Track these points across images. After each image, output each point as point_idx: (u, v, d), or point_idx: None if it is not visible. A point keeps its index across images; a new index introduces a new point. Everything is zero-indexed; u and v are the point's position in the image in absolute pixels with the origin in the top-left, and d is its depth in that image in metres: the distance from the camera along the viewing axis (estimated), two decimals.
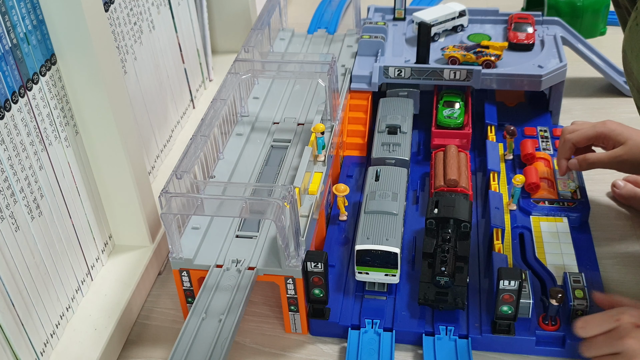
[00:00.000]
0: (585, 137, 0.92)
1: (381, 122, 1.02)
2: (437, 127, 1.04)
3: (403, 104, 1.07)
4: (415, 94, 1.10)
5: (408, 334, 0.80)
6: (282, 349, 0.82)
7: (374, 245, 0.79)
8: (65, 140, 0.80)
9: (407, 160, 0.96)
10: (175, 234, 0.76)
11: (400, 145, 0.97)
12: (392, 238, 0.80)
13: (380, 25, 1.18)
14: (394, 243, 0.80)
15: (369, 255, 0.80)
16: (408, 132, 1.01)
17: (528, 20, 1.16)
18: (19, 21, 0.70)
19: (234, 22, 1.36)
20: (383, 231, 0.81)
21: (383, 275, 0.81)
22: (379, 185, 0.90)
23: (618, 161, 0.89)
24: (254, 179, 0.90)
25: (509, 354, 0.78)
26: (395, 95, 1.10)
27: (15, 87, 0.71)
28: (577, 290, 0.79)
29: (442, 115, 1.03)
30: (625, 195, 0.99)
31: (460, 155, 0.98)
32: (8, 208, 0.69)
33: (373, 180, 0.91)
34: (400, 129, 1.00)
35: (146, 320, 0.87)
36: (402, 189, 0.89)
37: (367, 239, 0.80)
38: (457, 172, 0.93)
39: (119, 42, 0.93)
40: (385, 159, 0.96)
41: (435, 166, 0.97)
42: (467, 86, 1.08)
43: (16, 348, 0.71)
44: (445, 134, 1.03)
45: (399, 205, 0.85)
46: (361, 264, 0.81)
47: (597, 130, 0.91)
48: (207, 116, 0.88)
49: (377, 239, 0.80)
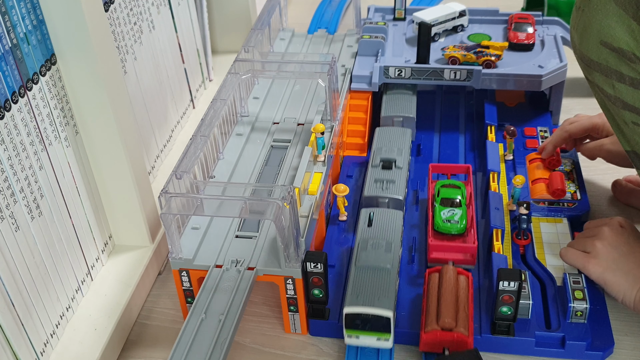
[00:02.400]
0: (582, 127, 0.97)
1: (375, 155, 0.95)
2: (435, 233, 0.87)
3: (399, 134, 1.00)
4: (411, 121, 1.05)
5: (408, 334, 0.80)
6: (281, 349, 0.82)
7: (364, 308, 0.73)
8: (65, 140, 0.80)
9: (402, 201, 0.89)
10: (175, 234, 0.76)
11: (394, 182, 0.90)
12: (384, 298, 0.74)
13: (380, 25, 1.18)
14: (387, 304, 0.73)
15: (359, 318, 0.74)
16: (404, 167, 0.94)
17: (528, 20, 1.16)
18: (19, 21, 0.70)
19: (234, 22, 1.36)
20: (375, 289, 0.75)
21: (375, 340, 0.75)
22: (371, 232, 0.83)
23: (604, 150, 0.95)
24: (253, 179, 0.90)
25: (509, 355, 0.78)
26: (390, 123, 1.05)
27: (15, 87, 0.71)
28: (577, 291, 0.79)
29: (440, 217, 0.87)
30: (625, 195, 0.99)
31: (460, 282, 0.79)
32: (8, 208, 0.69)
33: (365, 225, 0.84)
34: (395, 163, 0.93)
35: (146, 320, 0.87)
36: (396, 236, 0.83)
37: (357, 298, 0.74)
38: (453, 310, 0.75)
39: (119, 42, 0.93)
40: (378, 198, 0.89)
41: (428, 295, 0.79)
42: (467, 173, 0.96)
43: (16, 348, 0.71)
44: (446, 247, 0.85)
45: (393, 258, 0.79)
46: (350, 328, 0.75)
47: (593, 121, 0.97)
48: (207, 116, 0.88)
49: (369, 300, 0.74)
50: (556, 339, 0.77)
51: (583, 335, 0.77)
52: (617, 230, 0.81)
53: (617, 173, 1.02)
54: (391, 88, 1.10)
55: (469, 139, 1.11)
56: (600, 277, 0.79)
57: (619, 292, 0.77)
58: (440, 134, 1.12)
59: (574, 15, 0.71)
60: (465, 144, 1.10)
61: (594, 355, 0.77)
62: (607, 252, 0.79)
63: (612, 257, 0.79)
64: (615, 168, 0.99)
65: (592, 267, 0.79)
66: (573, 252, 0.82)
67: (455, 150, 1.08)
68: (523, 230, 0.85)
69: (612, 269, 0.78)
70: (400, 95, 1.09)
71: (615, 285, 0.78)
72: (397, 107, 1.07)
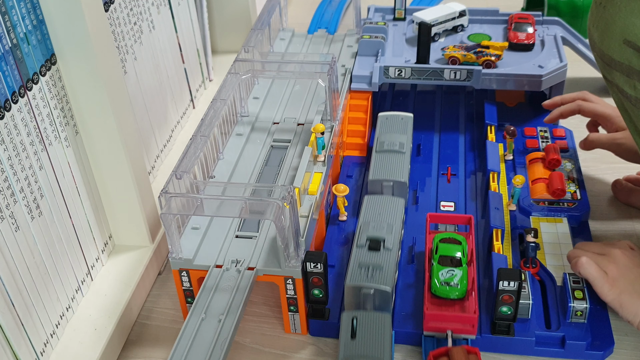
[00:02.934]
0: (594, 112, 0.98)
1: (362, 231, 0.82)
2: (432, 298, 0.79)
3: (390, 205, 0.86)
4: (403, 187, 0.91)
5: (408, 334, 0.80)
6: (281, 349, 0.82)
7: None
8: (65, 140, 0.80)
9: (389, 294, 0.75)
10: (175, 234, 0.76)
11: (382, 269, 0.77)
12: None
13: (380, 25, 1.18)
14: None
15: None
16: (394, 249, 0.80)
17: (528, 20, 1.16)
18: (19, 21, 0.70)
19: (234, 22, 1.36)
20: None
21: None
22: (355, 345, 0.71)
23: (616, 143, 0.94)
24: (253, 179, 0.90)
25: (509, 355, 0.78)
26: (378, 189, 0.91)
27: (15, 87, 0.71)
28: (577, 291, 0.79)
29: (438, 279, 0.79)
30: (625, 195, 0.99)
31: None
32: (8, 208, 0.69)
33: (348, 337, 0.72)
34: (384, 243, 0.80)
35: (146, 320, 0.87)
36: (385, 347, 0.71)
37: None
38: None
39: (119, 42, 0.93)
40: (362, 289, 0.75)
41: None
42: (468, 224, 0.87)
43: (16, 348, 0.71)
44: (443, 316, 0.77)
45: None
46: None
47: (607, 111, 0.96)
48: (207, 116, 0.88)
49: None
50: (556, 338, 0.77)
51: (583, 335, 0.77)
52: (629, 252, 0.80)
53: (617, 173, 1.02)
54: (380, 149, 0.96)
55: (469, 139, 1.11)
56: (616, 299, 0.76)
57: (636, 314, 0.75)
58: (440, 134, 1.12)
59: (593, 11, 0.69)
60: (465, 144, 1.10)
61: (594, 355, 0.77)
62: (622, 274, 0.77)
63: (628, 280, 0.77)
64: (616, 168, 0.99)
65: (609, 289, 0.77)
66: (593, 267, 0.78)
67: (455, 150, 1.08)
68: (531, 258, 0.82)
69: (629, 291, 0.76)
70: (390, 155, 0.94)
71: (632, 308, 0.76)
72: (387, 169, 0.92)
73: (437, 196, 0.99)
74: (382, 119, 1.02)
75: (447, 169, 1.03)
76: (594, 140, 0.97)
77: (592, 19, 0.69)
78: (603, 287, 0.77)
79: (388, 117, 1.02)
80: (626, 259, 0.79)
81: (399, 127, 1.00)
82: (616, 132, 0.95)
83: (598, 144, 0.97)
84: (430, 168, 1.04)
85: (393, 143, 0.96)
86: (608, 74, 0.69)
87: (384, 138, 0.97)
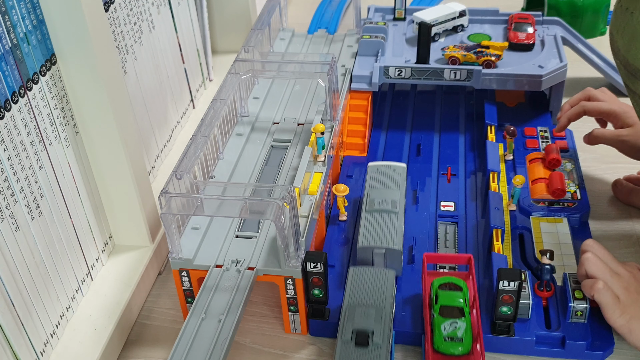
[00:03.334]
0: (599, 110, 0.97)
1: (347, 321, 0.72)
2: (435, 353, 0.74)
3: (380, 281, 0.77)
4: (396, 255, 0.83)
5: (408, 334, 0.80)
6: (281, 349, 0.82)
7: None
8: (65, 140, 0.80)
9: None
10: (175, 234, 0.76)
11: None
12: None
13: (380, 25, 1.18)
14: None
15: None
16: (384, 343, 0.70)
17: (528, 20, 1.16)
18: (19, 21, 0.70)
19: (234, 22, 1.36)
20: None
21: None
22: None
23: (620, 140, 0.94)
24: (253, 179, 0.90)
25: (509, 355, 0.78)
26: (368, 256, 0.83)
27: (15, 87, 0.71)
28: (577, 291, 0.79)
29: (440, 334, 0.73)
30: (625, 195, 0.99)
31: None
32: (8, 208, 0.69)
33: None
34: (372, 336, 0.70)
35: (146, 320, 0.87)
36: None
37: None
38: None
39: (119, 42, 0.93)
40: None
41: None
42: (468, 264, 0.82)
43: (16, 348, 0.71)
44: None
45: None
46: None
47: (612, 108, 0.96)
48: (207, 116, 0.88)
49: None
50: (556, 338, 0.77)
51: (583, 335, 0.77)
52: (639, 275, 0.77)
53: (617, 173, 1.02)
54: (370, 209, 0.87)
55: (469, 139, 1.11)
56: (625, 325, 0.74)
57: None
58: (440, 134, 1.12)
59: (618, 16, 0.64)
60: (465, 144, 1.10)
61: (594, 355, 0.77)
62: (635, 300, 0.74)
63: (639, 305, 0.74)
64: (616, 168, 0.99)
65: (619, 315, 0.74)
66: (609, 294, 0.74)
67: (455, 150, 1.08)
68: (546, 281, 0.79)
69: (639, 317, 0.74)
70: (382, 216, 0.86)
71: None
72: (379, 233, 0.84)
73: (437, 196, 0.99)
74: (372, 170, 0.94)
75: (447, 169, 1.04)
76: (599, 135, 0.97)
77: (616, 24, 0.64)
78: (614, 313, 0.74)
79: (379, 168, 0.94)
80: (637, 283, 0.76)
81: (391, 181, 0.92)
82: (621, 129, 0.95)
83: (602, 139, 0.96)
84: (430, 168, 1.04)
85: (385, 201, 0.87)
86: (632, 84, 0.65)
87: (374, 195, 0.88)
